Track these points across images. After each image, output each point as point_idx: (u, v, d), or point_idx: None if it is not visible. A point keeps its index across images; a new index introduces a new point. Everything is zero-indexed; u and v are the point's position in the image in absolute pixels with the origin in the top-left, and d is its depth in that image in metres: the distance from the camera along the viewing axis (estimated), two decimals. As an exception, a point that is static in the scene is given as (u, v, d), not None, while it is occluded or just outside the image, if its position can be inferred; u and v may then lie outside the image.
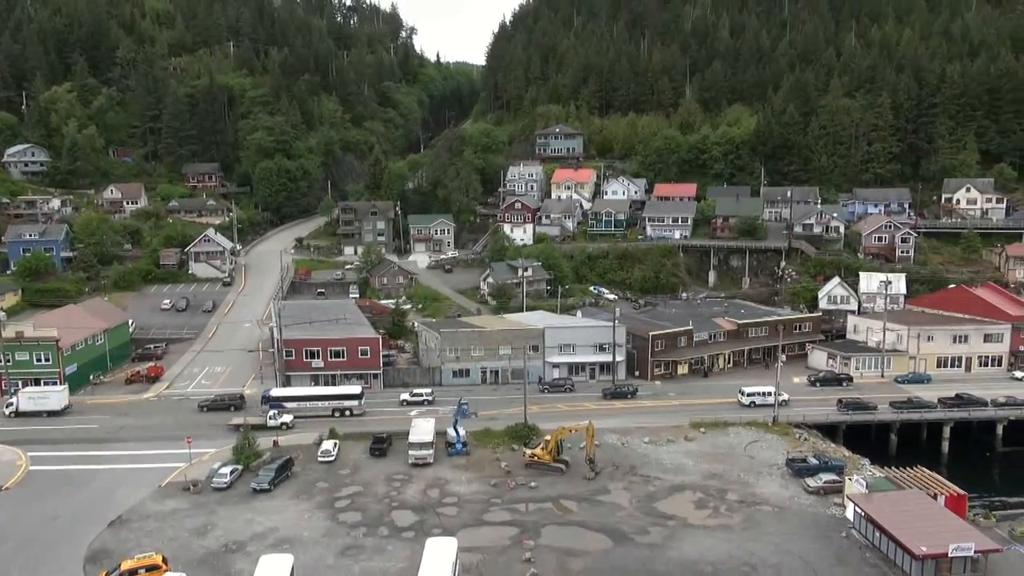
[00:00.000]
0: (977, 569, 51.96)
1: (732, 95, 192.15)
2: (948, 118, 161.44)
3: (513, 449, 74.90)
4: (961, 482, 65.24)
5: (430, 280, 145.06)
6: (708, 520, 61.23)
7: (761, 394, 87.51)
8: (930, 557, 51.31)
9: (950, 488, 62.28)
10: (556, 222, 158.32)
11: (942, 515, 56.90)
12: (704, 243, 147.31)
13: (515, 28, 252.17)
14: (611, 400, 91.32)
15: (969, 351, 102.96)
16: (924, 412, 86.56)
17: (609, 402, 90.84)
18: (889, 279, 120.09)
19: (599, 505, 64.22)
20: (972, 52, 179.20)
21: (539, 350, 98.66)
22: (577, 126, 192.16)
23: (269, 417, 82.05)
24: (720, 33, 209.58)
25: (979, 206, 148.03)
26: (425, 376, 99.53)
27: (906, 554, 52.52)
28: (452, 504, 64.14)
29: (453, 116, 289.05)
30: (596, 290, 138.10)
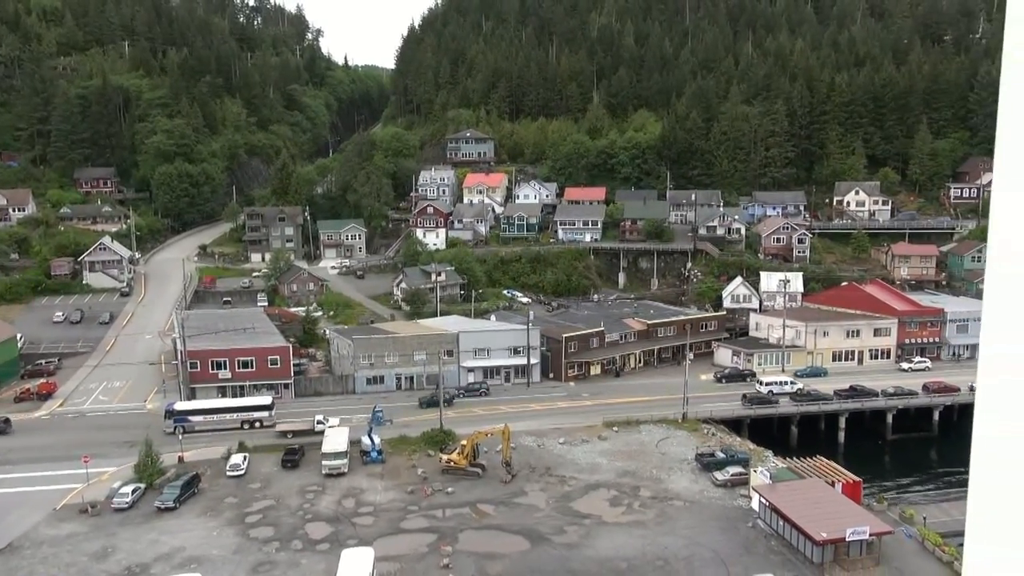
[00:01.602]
0: (871, 551, 55.08)
1: (638, 101, 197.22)
2: (838, 125, 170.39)
3: (429, 455, 74.56)
4: (856, 469, 69.09)
5: (342, 286, 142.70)
6: (622, 517, 62.59)
7: (779, 383, 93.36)
8: (829, 542, 54.09)
9: (846, 475, 65.80)
10: (469, 226, 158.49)
11: (839, 501, 60.07)
12: (614, 245, 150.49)
13: (424, 32, 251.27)
14: (425, 409, 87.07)
15: (861, 345, 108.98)
16: (821, 404, 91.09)
17: (426, 410, 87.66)
18: (787, 278, 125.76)
19: (516, 507, 64.68)
20: (858, 63, 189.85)
21: (454, 355, 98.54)
22: (488, 131, 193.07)
23: (317, 422, 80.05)
24: (625, 40, 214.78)
25: (867, 208, 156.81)
26: (338, 384, 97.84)
27: (807, 540, 55.20)
28: (368, 513, 63.30)
29: (363, 120, 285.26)
30: (510, 293, 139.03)
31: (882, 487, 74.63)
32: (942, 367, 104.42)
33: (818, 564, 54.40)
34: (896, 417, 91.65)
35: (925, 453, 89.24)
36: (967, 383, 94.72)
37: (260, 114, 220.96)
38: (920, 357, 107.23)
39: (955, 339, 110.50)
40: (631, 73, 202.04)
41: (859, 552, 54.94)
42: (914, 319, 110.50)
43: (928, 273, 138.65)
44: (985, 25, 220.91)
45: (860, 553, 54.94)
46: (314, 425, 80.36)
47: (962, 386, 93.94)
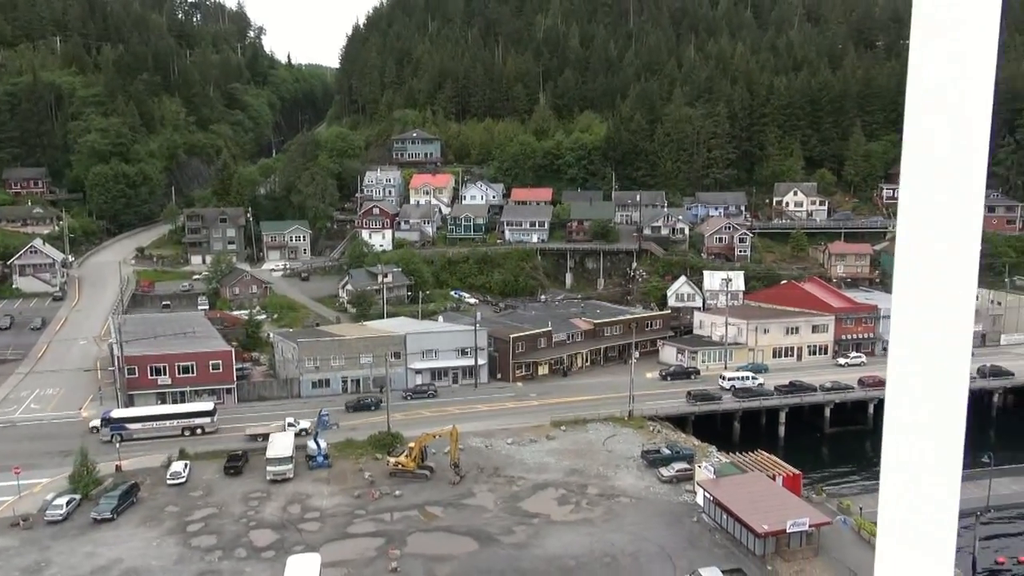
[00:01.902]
0: (811, 542, 56.67)
1: (583, 102, 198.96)
2: (777, 127, 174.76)
3: (377, 458, 73.92)
4: (796, 462, 70.95)
5: (286, 289, 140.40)
6: (570, 515, 63.08)
7: (741, 378, 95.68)
8: (771, 534, 55.44)
9: (787, 469, 67.53)
10: (415, 227, 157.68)
11: (780, 494, 61.62)
12: (561, 246, 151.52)
13: (369, 31, 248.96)
14: (352, 413, 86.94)
15: (800, 341, 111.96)
16: (762, 400, 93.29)
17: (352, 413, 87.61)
18: (729, 277, 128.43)
19: (465, 509, 64.61)
20: (796, 67, 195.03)
21: (401, 357, 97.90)
22: (434, 131, 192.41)
23: (288, 424, 79.04)
24: (571, 42, 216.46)
25: (805, 208, 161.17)
26: (283, 388, 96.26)
27: (750, 533, 56.48)
28: (314, 519, 62.46)
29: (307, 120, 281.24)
30: (457, 294, 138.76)
31: (821, 479, 76.79)
32: (876, 362, 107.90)
33: (760, 556, 55.70)
34: (833, 411, 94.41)
35: (861, 445, 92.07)
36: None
37: (200, 113, 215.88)
38: (856, 352, 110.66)
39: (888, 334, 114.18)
40: (576, 75, 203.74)
41: (799, 543, 56.46)
42: (850, 316, 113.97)
43: (863, 271, 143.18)
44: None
45: (800, 544, 56.46)
46: (284, 427, 79.42)
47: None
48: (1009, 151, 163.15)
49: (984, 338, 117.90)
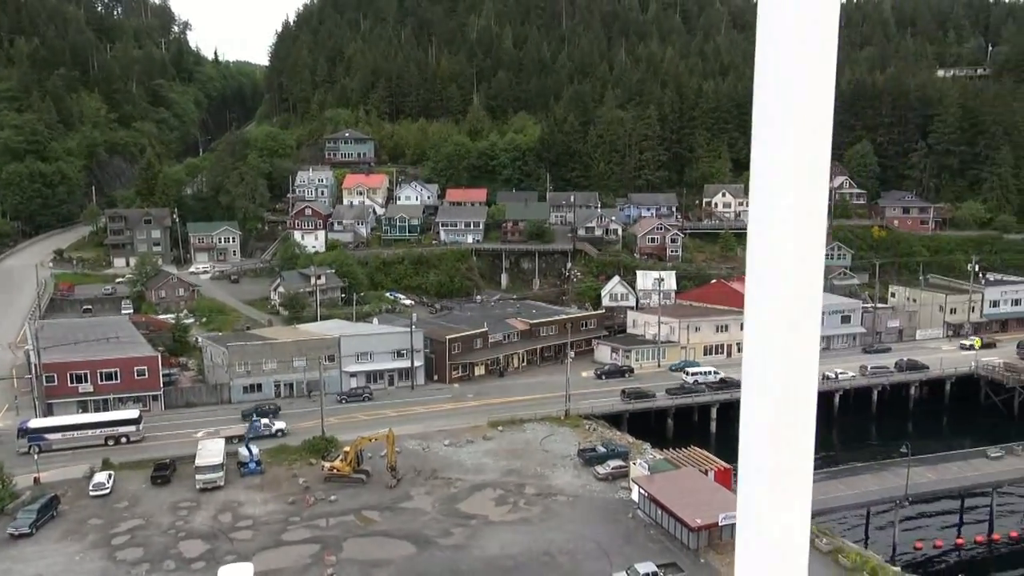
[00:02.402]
0: (742, 534, 58.20)
1: (517, 103, 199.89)
2: (705, 130, 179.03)
3: (311, 463, 72.68)
4: (727, 456, 72.77)
5: (215, 292, 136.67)
6: (508, 515, 63.29)
7: (704, 373, 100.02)
8: (703, 528, 56.78)
9: (718, 463, 69.24)
10: (349, 228, 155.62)
11: (712, 489, 63.15)
12: (496, 247, 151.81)
13: (299, 28, 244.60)
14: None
15: (729, 339, 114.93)
16: (695, 397, 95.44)
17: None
18: (662, 276, 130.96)
19: (402, 512, 64.13)
20: (723, 71, 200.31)
21: (335, 360, 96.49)
22: (368, 131, 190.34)
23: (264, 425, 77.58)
24: (504, 44, 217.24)
25: (733, 209, 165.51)
26: (212, 394, 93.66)
27: (684, 527, 57.72)
28: (247, 527, 61.00)
29: (235, 118, 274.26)
30: (392, 296, 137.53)
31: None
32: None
33: (694, 549, 56.99)
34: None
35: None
36: (826, 372, 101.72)
37: (122, 110, 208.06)
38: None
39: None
40: (510, 76, 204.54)
41: (731, 535, 57.91)
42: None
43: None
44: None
45: (732, 536, 57.93)
46: (262, 429, 78.84)
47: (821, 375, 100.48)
48: (922, 155, 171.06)
49: (901, 334, 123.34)
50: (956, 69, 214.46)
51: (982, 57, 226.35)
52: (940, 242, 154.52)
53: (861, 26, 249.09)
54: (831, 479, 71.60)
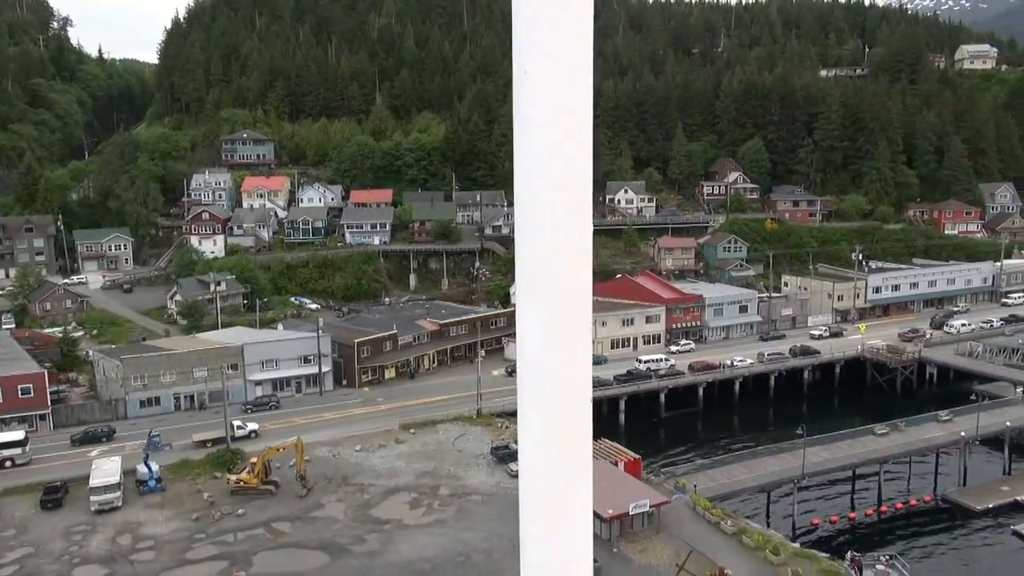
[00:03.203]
0: (652, 521, 59.95)
1: (421, 103, 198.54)
2: (607, 128, 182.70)
3: (216, 477, 70.20)
4: (636, 447, 74.73)
5: (106, 302, 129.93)
6: (423, 518, 62.97)
7: (656, 360, 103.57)
8: (615, 518, 58.10)
9: (627, 454, 70.97)
10: (250, 232, 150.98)
11: (623, 479, 64.67)
12: (403, 247, 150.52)
13: (191, 26, 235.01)
14: (79, 446, 79.02)
15: (635, 332, 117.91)
16: (603, 390, 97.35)
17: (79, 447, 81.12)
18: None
19: (313, 521, 62.81)
20: (622, 71, 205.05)
21: (239, 368, 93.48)
22: (266, 132, 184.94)
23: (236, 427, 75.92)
24: (406, 42, 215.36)
25: (635, 205, 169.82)
26: (106, 410, 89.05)
27: (596, 518, 58.86)
28: (148, 548, 58.38)
29: (124, 119, 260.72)
30: (297, 301, 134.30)
31: (659, 461, 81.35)
32: (704, 348, 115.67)
33: (607, 539, 58.22)
34: (667, 396, 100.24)
35: (693, 426, 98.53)
36: (726, 360, 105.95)
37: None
38: (685, 340, 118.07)
39: (713, 321, 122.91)
40: (413, 75, 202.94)
41: (642, 524, 59.58)
42: (679, 306, 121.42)
43: (689, 263, 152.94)
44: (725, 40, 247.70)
45: (643, 524, 59.60)
46: (233, 431, 77.11)
47: (721, 363, 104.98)
48: (808, 151, 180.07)
49: (794, 321, 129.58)
50: (837, 69, 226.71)
51: (860, 58, 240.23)
52: (827, 233, 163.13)
53: (750, 28, 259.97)
54: (734, 463, 74.61)
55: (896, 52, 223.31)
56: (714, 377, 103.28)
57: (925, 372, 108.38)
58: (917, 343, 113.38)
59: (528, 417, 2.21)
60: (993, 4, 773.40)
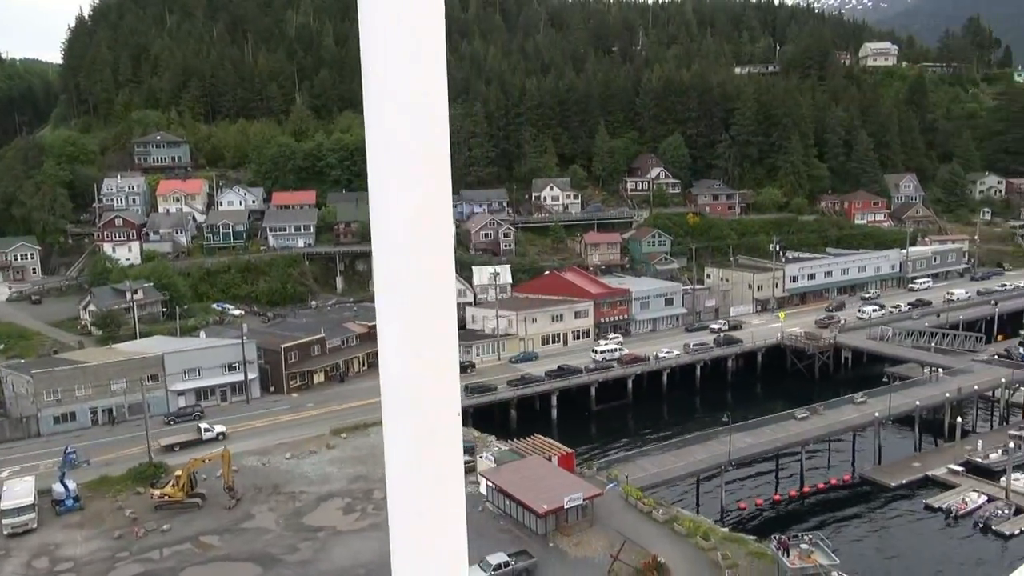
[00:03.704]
0: (586, 514, 60.73)
1: (342, 102, 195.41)
2: (531, 126, 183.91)
3: (139, 493, 67.66)
4: (568, 441, 75.58)
5: (13, 315, 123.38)
6: (357, 523, 62.17)
7: (611, 350, 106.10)
8: (550, 512, 58.63)
9: (561, 449, 71.67)
10: (167, 237, 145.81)
11: (556, 474, 65.32)
12: (329, 250, 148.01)
13: (96, 24, 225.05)
14: None
15: (565, 328, 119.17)
16: (535, 386, 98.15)
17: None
18: (497, 271, 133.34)
19: (244, 533, 61.24)
20: (544, 69, 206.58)
21: (159, 379, 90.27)
22: (181, 133, 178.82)
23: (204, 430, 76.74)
24: (325, 41, 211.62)
25: (561, 202, 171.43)
26: (17, 428, 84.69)
27: (532, 514, 59.30)
28: (67, 570, 55.88)
29: (26, 122, 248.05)
30: (220, 307, 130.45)
31: (591, 454, 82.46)
32: (632, 341, 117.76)
33: (543, 534, 58.73)
34: (598, 390, 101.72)
35: (623, 418, 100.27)
36: (652, 353, 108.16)
37: None
38: (614, 333, 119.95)
39: (640, 315, 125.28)
40: (334, 74, 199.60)
41: (576, 517, 60.29)
42: (607, 300, 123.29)
43: (615, 258, 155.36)
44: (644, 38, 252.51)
45: (577, 517, 60.31)
46: (201, 433, 78.80)
47: (649, 356, 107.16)
48: (726, 146, 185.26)
49: (717, 311, 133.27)
50: (751, 67, 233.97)
51: (772, 56, 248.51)
52: (746, 225, 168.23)
53: (667, 26, 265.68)
54: (664, 452, 76.32)
55: (805, 50, 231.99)
56: (643, 369, 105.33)
57: (841, 357, 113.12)
58: (833, 329, 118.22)
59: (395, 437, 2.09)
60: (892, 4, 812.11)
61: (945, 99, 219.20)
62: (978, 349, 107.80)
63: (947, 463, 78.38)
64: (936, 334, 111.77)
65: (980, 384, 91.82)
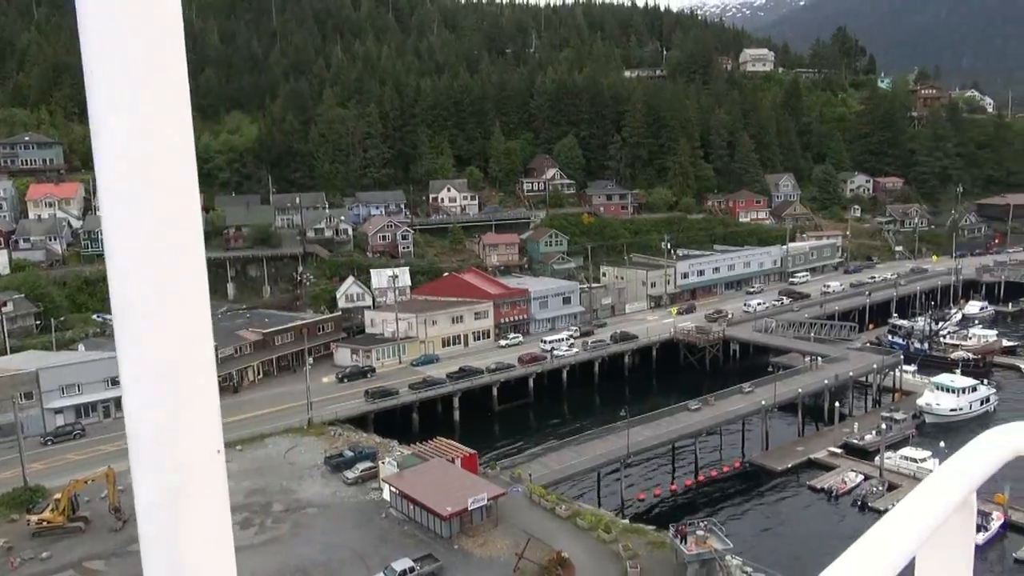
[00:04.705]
0: (491, 514, 61.06)
1: (230, 102, 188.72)
2: (427, 127, 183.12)
3: (14, 519, 63.09)
4: (471, 442, 75.71)
5: None
6: (255, 538, 60.21)
7: (560, 340, 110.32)
8: (454, 515, 58.60)
9: (464, 450, 71.72)
10: (39, 245, 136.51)
11: (460, 476, 65.33)
12: (219, 255, 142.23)
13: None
14: None
15: (465, 329, 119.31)
16: (437, 389, 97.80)
17: None
18: (396, 274, 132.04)
19: (132, 556, 58.03)
20: (438, 70, 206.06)
21: (34, 396, 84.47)
22: (53, 134, 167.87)
23: None
24: (209, 39, 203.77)
25: (459, 203, 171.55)
26: None
27: (436, 517, 59.11)
28: (-68, 608, 51.51)
29: None
30: (101, 318, 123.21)
31: (494, 454, 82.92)
32: (531, 340, 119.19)
33: (448, 537, 58.63)
34: (500, 390, 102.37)
35: (525, 417, 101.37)
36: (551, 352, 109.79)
37: None
38: (514, 333, 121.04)
39: (539, 314, 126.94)
40: (220, 73, 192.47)
41: (481, 517, 60.51)
42: (506, 300, 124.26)
43: (513, 259, 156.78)
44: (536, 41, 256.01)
45: (482, 518, 60.54)
46: None
47: (547, 355, 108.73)
48: (618, 147, 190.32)
49: (613, 309, 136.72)
50: (639, 70, 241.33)
51: (659, 60, 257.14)
52: (638, 224, 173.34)
53: (559, 29, 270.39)
54: (565, 448, 77.66)
55: (690, 55, 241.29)
56: (543, 368, 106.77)
57: (729, 349, 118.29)
58: (721, 323, 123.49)
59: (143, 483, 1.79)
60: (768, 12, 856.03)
61: (818, 103, 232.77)
62: (852, 338, 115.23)
63: (827, 446, 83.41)
64: (815, 325, 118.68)
65: (855, 370, 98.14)
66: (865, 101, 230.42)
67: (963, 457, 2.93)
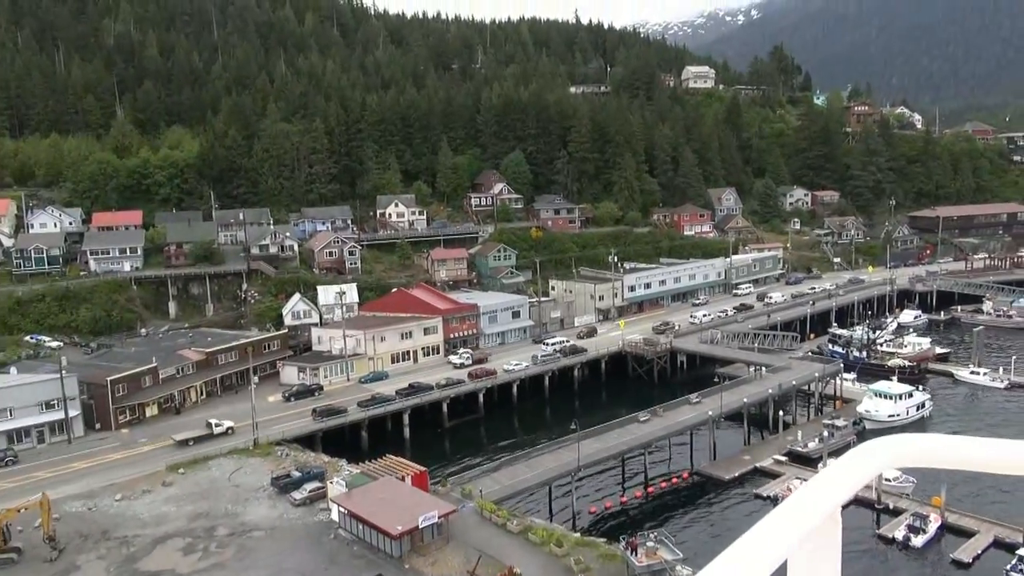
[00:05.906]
0: (442, 532, 60.50)
1: (170, 117, 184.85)
2: (373, 142, 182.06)
3: (-61, 553, 60.01)
4: (422, 459, 75.06)
5: None
6: (200, 564, 58.49)
7: (560, 342, 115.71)
8: (405, 533, 57.89)
9: (414, 468, 71.00)
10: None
11: (410, 494, 64.64)
12: (159, 273, 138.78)
13: None
14: None
15: (414, 345, 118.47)
16: (386, 406, 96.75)
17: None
18: (343, 290, 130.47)
19: (68, 586, 55.87)
20: (385, 85, 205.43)
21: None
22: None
23: None
24: (148, 51, 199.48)
25: (406, 218, 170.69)
26: None
27: (386, 536, 58.29)
28: None
29: None
30: (34, 339, 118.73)
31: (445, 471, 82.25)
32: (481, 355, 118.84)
33: (398, 556, 57.81)
34: (450, 406, 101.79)
35: (476, 433, 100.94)
36: (502, 366, 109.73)
37: None
38: (464, 348, 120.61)
39: (489, 328, 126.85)
40: (159, 86, 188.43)
41: (432, 535, 59.88)
42: (455, 316, 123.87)
43: (462, 274, 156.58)
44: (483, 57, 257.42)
45: (433, 536, 59.91)
46: (212, 429, 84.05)
47: (498, 370, 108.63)
48: (564, 162, 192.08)
49: (563, 322, 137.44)
50: (584, 87, 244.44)
51: (603, 76, 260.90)
52: (586, 238, 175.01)
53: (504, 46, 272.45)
54: (516, 463, 77.47)
55: (633, 71, 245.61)
56: (493, 382, 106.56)
57: (677, 360, 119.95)
58: (668, 335, 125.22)
59: None
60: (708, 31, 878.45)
61: (757, 119, 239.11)
62: (794, 347, 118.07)
63: (772, 454, 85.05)
64: (759, 335, 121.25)
65: (797, 379, 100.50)
66: (802, 117, 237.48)
67: (831, 472, 3.03)
